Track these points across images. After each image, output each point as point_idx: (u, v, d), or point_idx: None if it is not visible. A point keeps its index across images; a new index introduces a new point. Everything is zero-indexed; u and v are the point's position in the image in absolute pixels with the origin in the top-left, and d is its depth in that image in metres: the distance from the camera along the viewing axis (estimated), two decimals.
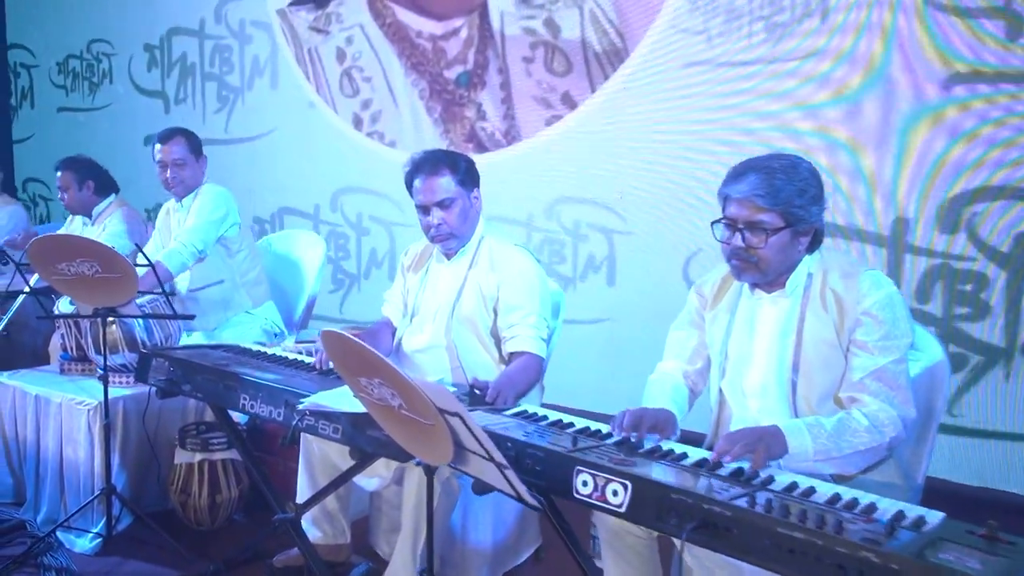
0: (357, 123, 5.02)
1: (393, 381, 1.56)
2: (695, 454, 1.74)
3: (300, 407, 2.08)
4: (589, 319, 4.10)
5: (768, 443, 1.67)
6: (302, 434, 2.38)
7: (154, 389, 2.61)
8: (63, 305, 3.25)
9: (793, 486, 1.55)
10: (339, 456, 2.50)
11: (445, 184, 2.55)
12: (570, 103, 4.20)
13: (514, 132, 4.42)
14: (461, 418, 1.44)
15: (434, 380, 2.42)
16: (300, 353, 2.89)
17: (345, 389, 2.15)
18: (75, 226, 4.21)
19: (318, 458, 2.62)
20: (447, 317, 2.62)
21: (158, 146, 3.48)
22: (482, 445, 1.45)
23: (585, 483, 1.59)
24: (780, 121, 3.55)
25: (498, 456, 1.46)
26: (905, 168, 3.28)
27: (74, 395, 3.01)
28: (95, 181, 4.05)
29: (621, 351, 4.01)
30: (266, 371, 2.43)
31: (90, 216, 4.06)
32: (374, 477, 2.50)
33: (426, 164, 2.58)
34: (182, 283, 3.49)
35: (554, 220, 4.29)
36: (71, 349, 3.31)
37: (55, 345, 3.58)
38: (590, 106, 4.14)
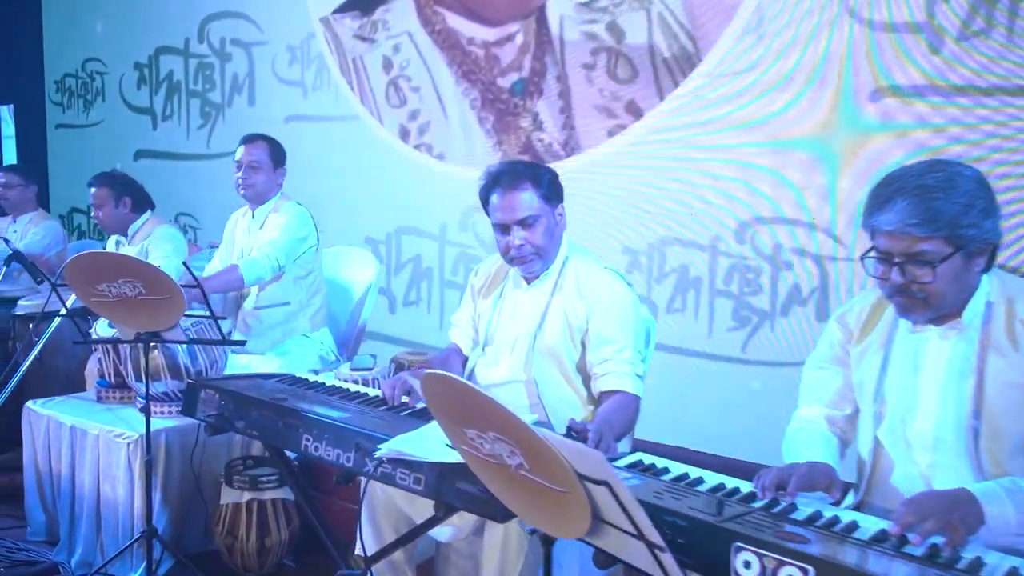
0: (404, 135, 4.75)
1: (517, 437, 1.27)
2: (866, 523, 1.43)
3: (377, 454, 1.79)
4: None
5: (964, 513, 1.36)
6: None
7: (203, 424, 2.32)
8: (101, 328, 2.99)
9: (1014, 572, 1.23)
10: (405, 500, 2.21)
11: (527, 199, 2.26)
12: (635, 112, 3.91)
13: (573, 143, 4.13)
14: (610, 487, 1.14)
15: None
16: (357, 382, 2.62)
17: (428, 431, 1.86)
18: (109, 246, 3.97)
19: (382, 502, 2.32)
20: (527, 349, 2.32)
21: (240, 148, 3.29)
22: (634, 521, 1.15)
23: (748, 564, 1.28)
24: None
25: (655, 536, 1.15)
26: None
27: (112, 427, 2.74)
28: (132, 197, 3.81)
29: (689, 380, 3.69)
30: (329, 406, 2.14)
31: (126, 234, 3.82)
32: (448, 526, 2.20)
33: (505, 177, 2.29)
34: (249, 300, 3.24)
35: (617, 237, 3.99)
36: (109, 375, 3.05)
37: (91, 370, 3.32)
38: (658, 115, 3.84)
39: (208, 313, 2.57)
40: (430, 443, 1.76)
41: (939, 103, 3.02)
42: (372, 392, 2.37)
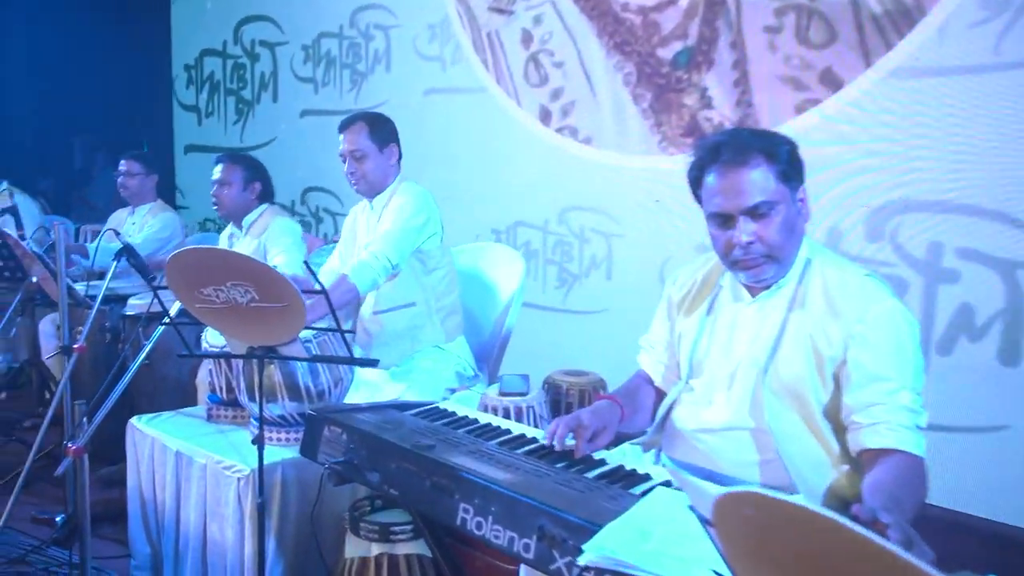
0: (545, 117, 4.15)
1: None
2: None
3: (583, 559, 1.18)
4: None
5: None
6: None
7: (326, 471, 1.78)
8: (212, 336, 2.53)
9: None
10: None
11: (759, 180, 1.61)
12: (832, 83, 3.17)
13: (751, 122, 3.42)
14: None
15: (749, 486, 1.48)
16: (509, 412, 2.04)
17: (650, 511, 1.24)
18: (221, 242, 3.54)
19: None
20: (753, 385, 1.67)
21: (340, 136, 2.75)
22: None
23: None
24: None
25: None
26: None
27: (222, 456, 2.25)
28: (262, 184, 3.38)
29: None
30: (490, 459, 1.56)
31: (240, 225, 3.38)
32: None
33: (728, 150, 1.64)
34: (367, 303, 2.72)
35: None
36: (220, 390, 2.58)
37: (203, 380, 2.88)
38: (862, 86, 3.10)
39: (333, 325, 2.04)
40: (656, 541, 1.15)
41: None
42: (532, 432, 1.79)
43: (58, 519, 2.86)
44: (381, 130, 2.75)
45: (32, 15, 6.45)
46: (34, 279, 3.24)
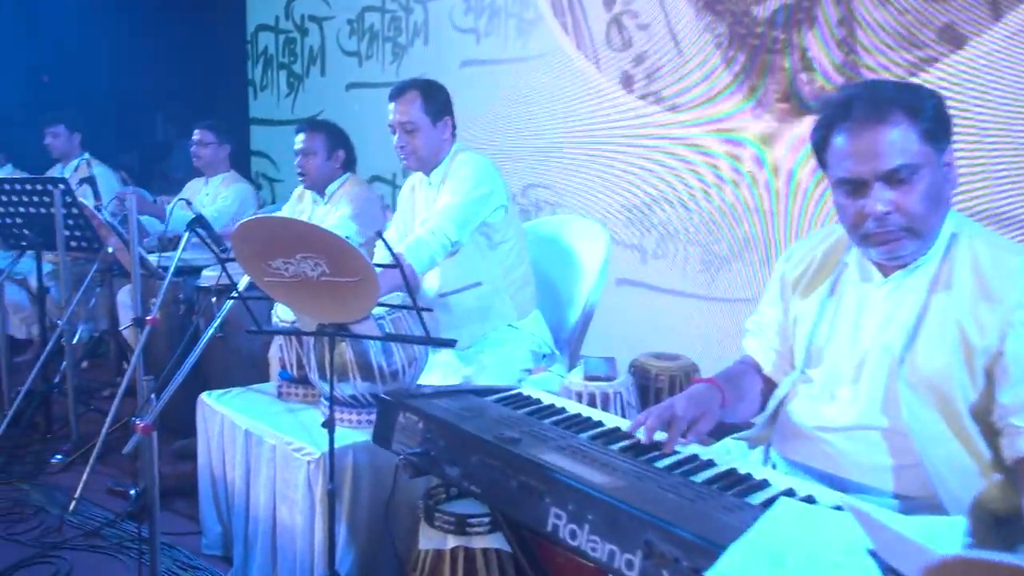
0: (627, 82, 3.91)
1: None
2: None
3: None
4: None
5: None
6: None
7: (401, 462, 1.63)
8: (283, 311, 2.41)
9: None
10: None
11: (898, 140, 1.36)
12: (954, 40, 2.85)
13: None
14: None
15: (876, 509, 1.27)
16: (594, 398, 1.85)
17: (778, 529, 1.04)
18: (304, 204, 3.42)
19: None
20: (886, 376, 1.44)
21: (390, 105, 2.55)
22: None
23: None
24: None
25: None
26: None
27: (292, 437, 2.13)
28: (346, 152, 3.26)
29: None
30: (583, 457, 1.38)
31: (322, 194, 3.27)
32: None
33: (861, 105, 1.40)
34: (430, 285, 2.55)
35: None
36: (291, 366, 2.47)
37: (274, 355, 2.78)
38: (989, 44, 2.77)
39: (413, 303, 1.88)
40: (792, 569, 0.95)
41: None
42: (626, 424, 1.60)
43: (132, 492, 2.83)
44: (435, 100, 2.54)
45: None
46: (110, 249, 3.19)
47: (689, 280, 3.67)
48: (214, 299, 2.99)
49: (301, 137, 3.21)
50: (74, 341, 4.03)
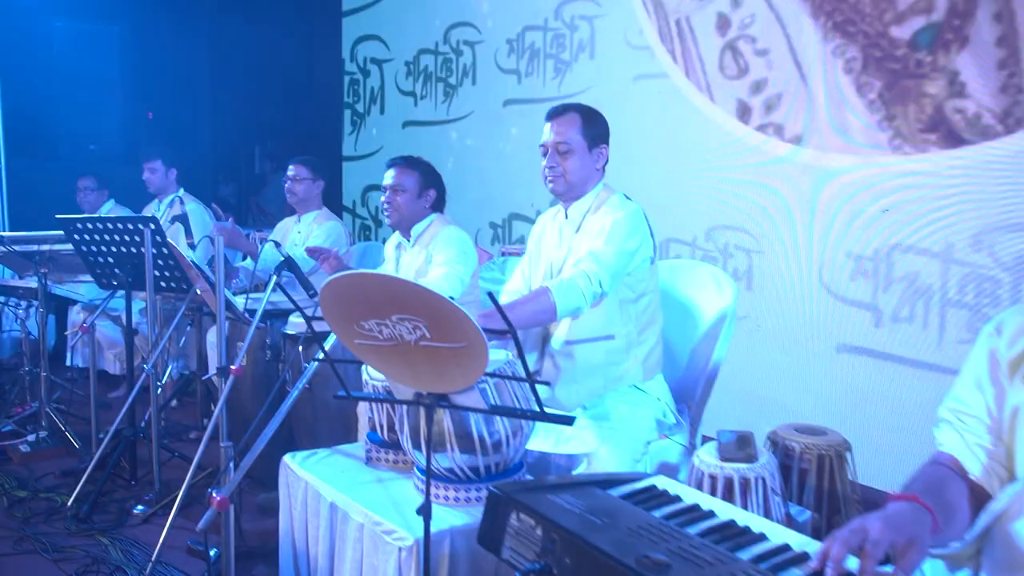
0: (743, 113, 3.56)
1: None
2: None
3: None
4: None
5: None
6: None
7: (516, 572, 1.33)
8: (375, 369, 2.15)
9: None
10: None
11: None
12: None
13: (1020, 112, 2.70)
14: None
15: None
16: (732, 483, 1.51)
17: None
18: (387, 252, 3.20)
19: None
20: None
21: (547, 124, 2.32)
22: None
23: None
24: None
25: None
26: None
27: (382, 517, 1.86)
28: (437, 191, 3.03)
29: None
30: None
31: (408, 235, 3.03)
32: None
33: None
34: (558, 332, 2.27)
35: None
36: (381, 429, 2.21)
37: (363, 411, 2.54)
38: None
39: (517, 353, 1.59)
40: None
41: None
42: (797, 540, 1.26)
43: (212, 553, 2.61)
44: (595, 126, 2.31)
45: (215, 26, 6.54)
46: (197, 290, 3.03)
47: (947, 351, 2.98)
48: (301, 348, 2.78)
49: (391, 172, 3.00)
50: (163, 380, 3.94)
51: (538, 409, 1.55)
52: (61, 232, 3.29)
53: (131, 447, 3.29)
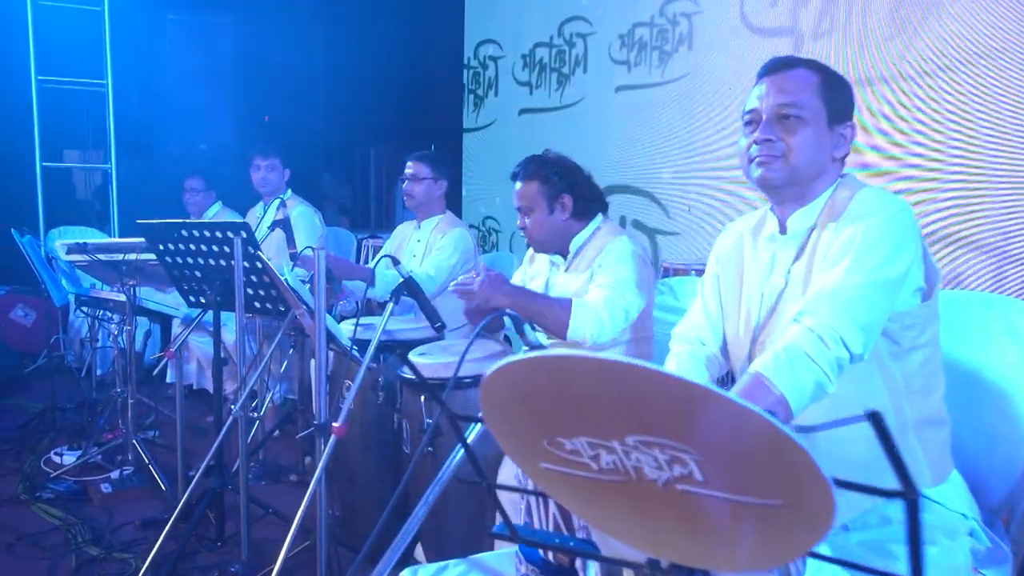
0: None
1: None
2: None
3: None
4: None
5: None
6: None
7: None
8: None
9: None
10: None
11: None
12: None
13: None
14: None
15: None
16: None
17: None
18: (538, 268, 2.44)
19: None
20: None
21: (760, 84, 1.51)
22: None
23: None
24: None
25: None
26: None
27: None
28: (572, 195, 2.26)
29: None
30: None
31: (564, 254, 2.27)
32: None
33: None
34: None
35: None
36: (542, 520, 1.46)
37: (508, 478, 1.79)
38: None
39: None
40: None
41: None
42: None
43: None
44: (838, 91, 1.49)
45: (330, 16, 6.01)
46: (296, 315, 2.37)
47: None
48: (423, 399, 2.06)
49: (518, 188, 2.26)
50: (263, 410, 3.35)
51: None
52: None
53: (218, 499, 2.67)
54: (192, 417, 3.89)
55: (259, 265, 2.39)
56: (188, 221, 2.59)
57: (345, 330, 2.50)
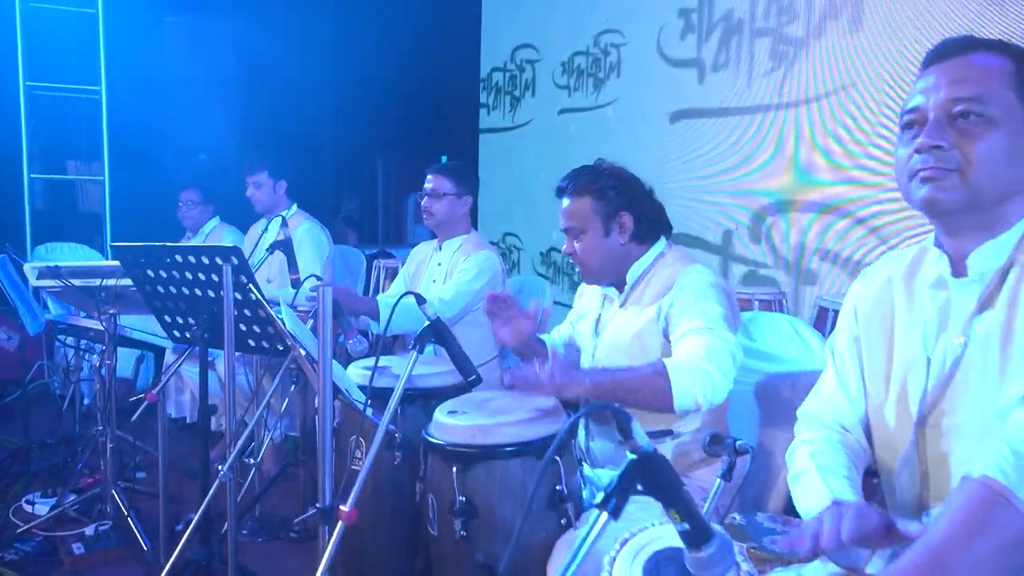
0: None
1: None
2: None
3: None
4: None
5: None
6: None
7: None
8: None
9: None
10: None
11: None
12: None
13: None
14: None
15: None
16: None
17: None
18: (588, 303, 2.00)
19: None
20: None
21: (928, 75, 1.10)
22: None
23: None
24: None
25: None
26: None
27: None
28: (633, 213, 1.82)
29: None
30: None
31: (621, 286, 1.84)
32: None
33: None
34: None
35: None
36: None
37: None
38: None
39: None
40: None
41: None
42: None
43: None
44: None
45: (339, 20, 5.60)
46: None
47: None
48: (455, 470, 1.61)
49: (565, 205, 1.84)
50: (259, 455, 2.91)
51: None
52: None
53: (204, 572, 2.23)
54: (183, 456, 3.46)
55: (253, 297, 1.96)
56: (170, 245, 2.16)
57: (354, 375, 2.06)
